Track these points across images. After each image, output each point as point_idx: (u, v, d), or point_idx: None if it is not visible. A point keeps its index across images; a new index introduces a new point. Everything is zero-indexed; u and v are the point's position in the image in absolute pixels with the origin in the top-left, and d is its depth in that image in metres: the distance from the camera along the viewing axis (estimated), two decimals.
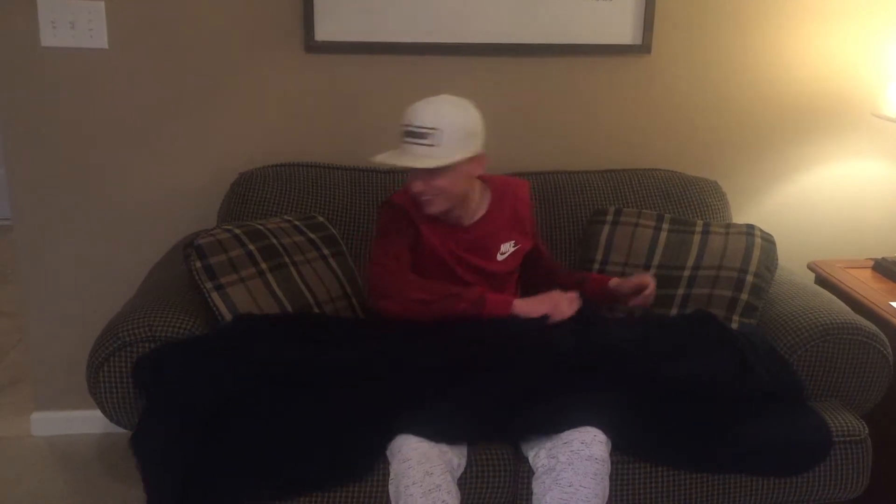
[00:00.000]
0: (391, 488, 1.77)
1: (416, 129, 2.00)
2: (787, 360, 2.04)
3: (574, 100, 2.66)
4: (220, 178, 2.51)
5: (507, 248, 2.19)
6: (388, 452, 1.81)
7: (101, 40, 2.43)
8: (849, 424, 2.00)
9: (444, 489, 1.71)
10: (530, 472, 1.85)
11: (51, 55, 2.43)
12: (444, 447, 1.77)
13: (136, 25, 2.44)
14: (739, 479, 1.94)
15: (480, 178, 2.16)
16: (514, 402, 1.86)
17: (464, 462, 1.83)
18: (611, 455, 1.81)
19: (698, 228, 2.34)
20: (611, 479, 1.82)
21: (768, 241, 2.32)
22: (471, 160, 2.05)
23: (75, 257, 2.59)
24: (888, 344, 2.11)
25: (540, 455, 1.81)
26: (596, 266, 2.35)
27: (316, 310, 2.12)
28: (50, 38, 2.41)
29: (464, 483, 1.83)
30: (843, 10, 2.68)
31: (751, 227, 2.35)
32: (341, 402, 1.82)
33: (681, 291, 2.25)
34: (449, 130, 1.99)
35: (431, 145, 1.99)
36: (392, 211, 2.14)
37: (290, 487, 1.76)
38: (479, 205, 2.17)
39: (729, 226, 2.36)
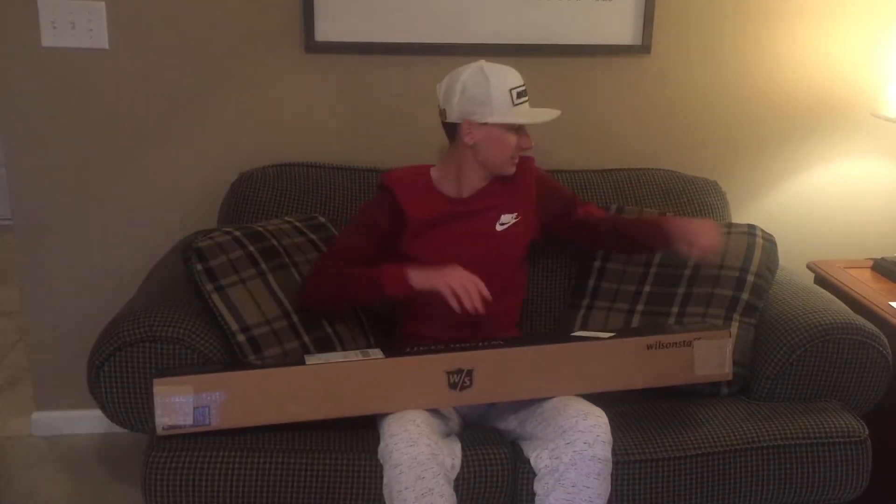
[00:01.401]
0: (385, 494, 1.77)
1: (523, 89, 2.08)
2: None
3: (574, 100, 2.66)
4: (220, 178, 2.51)
5: (508, 219, 2.14)
6: (379, 457, 1.81)
7: (101, 40, 2.43)
8: (848, 425, 2.01)
9: (436, 492, 1.71)
10: (530, 473, 1.86)
11: (51, 55, 2.43)
12: (435, 449, 1.76)
13: (136, 25, 2.44)
14: (739, 480, 1.95)
15: None
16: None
17: (458, 463, 1.83)
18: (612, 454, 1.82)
19: None
20: (612, 478, 1.83)
21: (769, 241, 2.33)
22: None
23: (75, 257, 2.59)
24: (888, 344, 2.11)
25: (542, 456, 1.82)
26: (597, 263, 2.35)
27: None
28: (50, 38, 2.41)
29: (460, 485, 1.83)
30: (844, 11, 2.68)
31: (752, 227, 2.35)
32: None
33: (681, 290, 2.25)
34: None
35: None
36: (378, 199, 2.15)
37: None
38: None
39: (731, 225, 2.36)
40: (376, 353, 1.91)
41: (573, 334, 2.06)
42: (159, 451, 1.81)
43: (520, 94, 2.06)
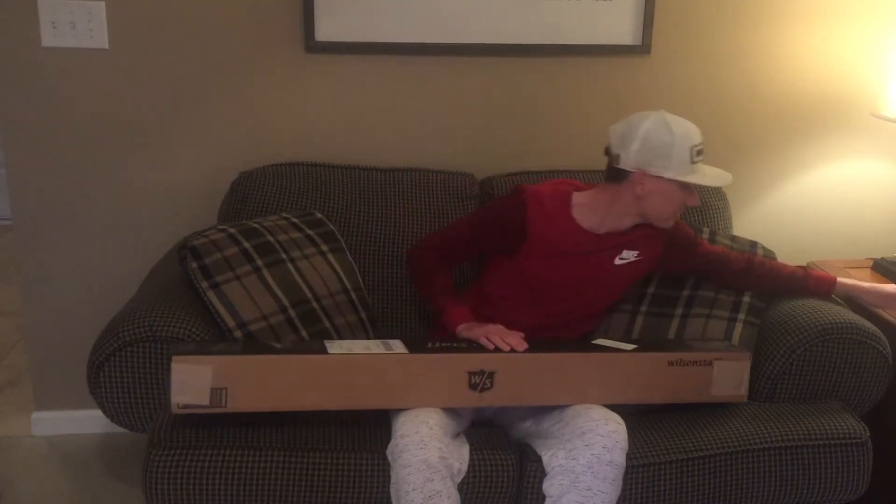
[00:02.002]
0: (392, 492, 1.78)
1: (701, 147, 2.03)
2: None
3: (574, 100, 2.66)
4: (220, 178, 2.51)
5: (629, 255, 2.13)
6: (388, 456, 1.81)
7: (101, 40, 2.43)
8: (849, 427, 2.01)
9: (444, 495, 1.72)
10: (536, 478, 1.86)
11: (51, 55, 2.43)
12: (445, 453, 1.76)
13: (136, 25, 2.44)
14: (740, 482, 1.95)
15: None
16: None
17: (465, 468, 1.83)
18: None
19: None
20: None
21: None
22: None
23: (75, 257, 2.59)
24: (888, 344, 2.11)
25: (558, 455, 1.82)
26: None
27: (314, 304, 2.12)
28: (50, 38, 2.41)
29: (465, 487, 1.83)
30: (844, 11, 2.68)
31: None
32: None
33: (686, 293, 2.25)
34: None
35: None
36: (506, 207, 2.12)
37: None
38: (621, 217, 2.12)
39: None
40: (398, 345, 1.91)
41: (595, 342, 2.06)
42: (160, 450, 1.81)
43: (699, 153, 2.01)
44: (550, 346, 1.97)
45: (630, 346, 2.00)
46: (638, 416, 2.02)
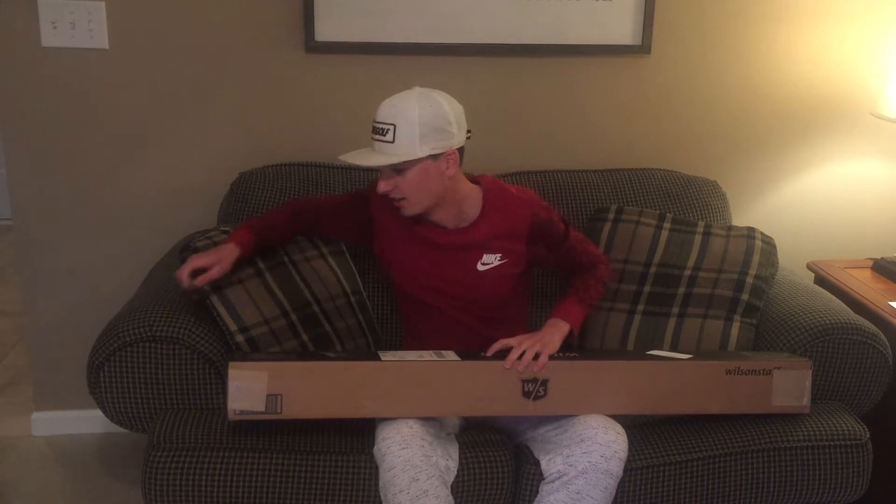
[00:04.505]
0: (381, 494, 1.78)
1: (377, 125, 1.89)
2: None
3: (574, 100, 2.66)
4: (220, 178, 2.50)
5: (492, 259, 2.01)
6: (375, 457, 1.81)
7: (101, 40, 2.43)
8: (850, 428, 2.01)
9: (431, 494, 1.71)
10: (533, 477, 1.86)
11: (51, 55, 2.43)
12: (429, 451, 1.75)
13: (136, 25, 2.44)
14: (740, 483, 1.95)
15: (484, 183, 2.05)
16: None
17: (454, 465, 1.82)
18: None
19: (699, 229, 2.34)
20: None
21: (768, 243, 2.33)
22: (437, 158, 1.88)
23: (75, 257, 2.59)
24: (888, 344, 2.11)
25: (556, 461, 1.81)
26: None
27: (315, 308, 2.12)
28: (50, 38, 2.41)
29: (460, 488, 1.83)
30: (843, 11, 2.68)
31: (751, 230, 2.35)
32: None
33: (682, 290, 2.25)
34: (405, 126, 1.84)
35: (389, 142, 1.86)
36: (357, 195, 2.13)
37: None
38: (469, 210, 2.01)
39: (730, 228, 2.36)
40: (451, 355, 1.89)
41: (649, 353, 2.05)
42: (160, 451, 1.81)
43: (373, 130, 1.91)
44: (605, 355, 1.94)
45: (686, 356, 1.97)
46: (640, 426, 2.01)
